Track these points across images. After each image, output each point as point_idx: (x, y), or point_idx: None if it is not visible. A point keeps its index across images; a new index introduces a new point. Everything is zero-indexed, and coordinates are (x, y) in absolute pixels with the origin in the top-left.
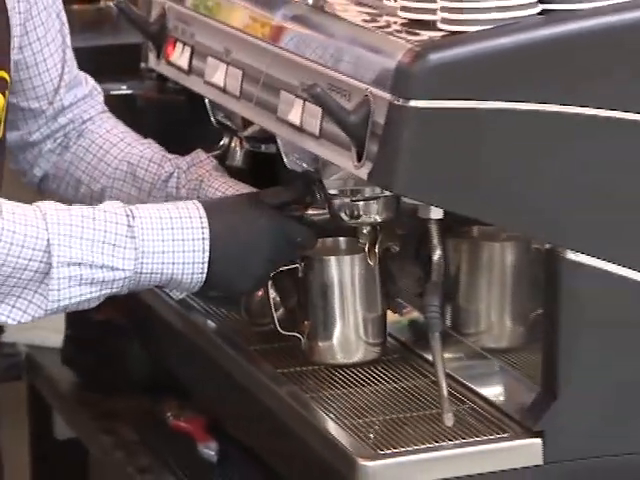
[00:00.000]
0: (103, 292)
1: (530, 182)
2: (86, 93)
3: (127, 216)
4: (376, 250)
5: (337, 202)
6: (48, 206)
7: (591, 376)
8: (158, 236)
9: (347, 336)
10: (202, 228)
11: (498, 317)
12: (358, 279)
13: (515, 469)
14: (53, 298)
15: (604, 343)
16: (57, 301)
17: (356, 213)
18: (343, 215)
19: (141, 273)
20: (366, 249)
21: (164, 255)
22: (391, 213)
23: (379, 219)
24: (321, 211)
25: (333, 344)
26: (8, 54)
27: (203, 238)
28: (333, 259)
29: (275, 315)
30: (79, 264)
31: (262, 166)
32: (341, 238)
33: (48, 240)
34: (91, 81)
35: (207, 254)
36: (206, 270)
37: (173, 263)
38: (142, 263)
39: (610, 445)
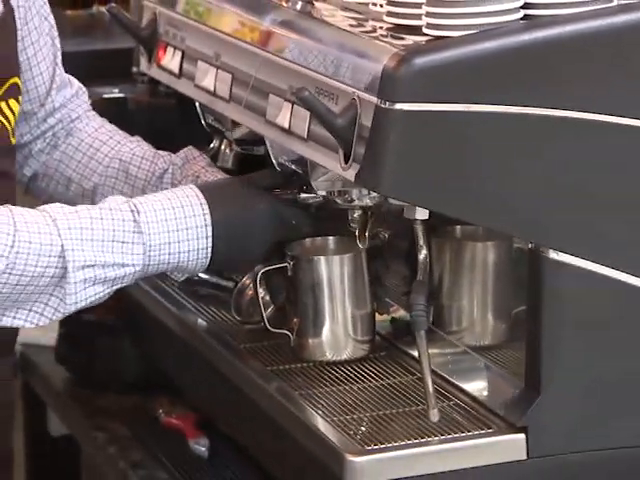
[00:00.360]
0: (114, 287)
1: (514, 183)
2: (73, 93)
3: (132, 212)
4: (366, 234)
5: None
6: (56, 210)
7: (573, 373)
8: (163, 228)
9: (336, 334)
10: (204, 215)
11: (482, 315)
12: (347, 278)
13: (499, 464)
14: (70, 301)
15: (586, 341)
16: (74, 303)
17: (349, 197)
18: (337, 198)
19: (149, 265)
20: (357, 233)
21: (170, 245)
22: (382, 197)
23: (370, 203)
24: (315, 194)
25: (322, 341)
26: (17, 59)
27: (205, 224)
28: (322, 259)
29: (264, 313)
30: (93, 266)
31: (252, 168)
32: (330, 237)
33: (62, 246)
34: (75, 81)
35: (210, 239)
36: (210, 255)
37: (179, 252)
38: (150, 256)
39: (591, 441)
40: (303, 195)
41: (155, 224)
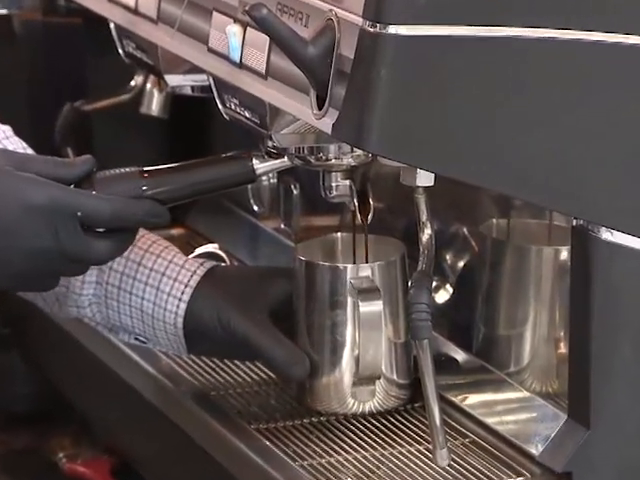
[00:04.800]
0: None
1: (552, 137)
2: None
3: None
4: (371, 204)
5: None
6: None
7: (634, 401)
8: None
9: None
10: None
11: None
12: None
13: None
14: None
15: None
16: None
17: (324, 156)
18: (311, 158)
19: None
20: (354, 205)
21: None
22: (369, 156)
23: (353, 163)
24: (273, 162)
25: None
26: None
27: None
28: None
29: None
30: None
31: (188, 116)
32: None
33: None
34: None
35: None
36: None
37: None
38: None
39: None
40: (259, 165)
41: None
